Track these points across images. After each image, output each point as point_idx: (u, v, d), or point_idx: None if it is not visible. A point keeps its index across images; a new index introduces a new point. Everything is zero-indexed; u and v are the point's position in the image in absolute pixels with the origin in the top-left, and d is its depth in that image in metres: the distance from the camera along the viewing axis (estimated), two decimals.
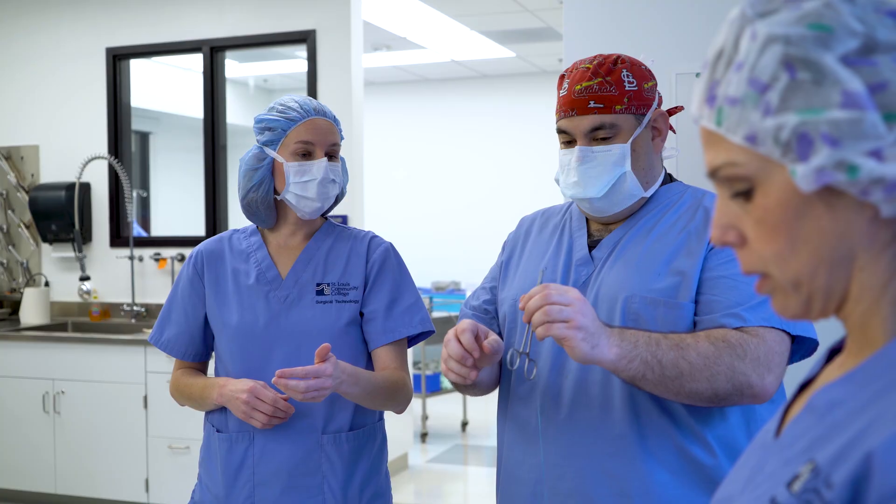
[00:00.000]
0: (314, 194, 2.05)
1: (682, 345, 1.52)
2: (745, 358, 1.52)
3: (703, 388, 1.51)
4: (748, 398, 1.54)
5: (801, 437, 0.79)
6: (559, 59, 8.75)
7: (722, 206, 0.82)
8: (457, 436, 6.95)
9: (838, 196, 0.75)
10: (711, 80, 0.81)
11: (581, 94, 1.69)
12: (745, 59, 0.77)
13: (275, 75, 9.24)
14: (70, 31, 5.75)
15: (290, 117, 2.06)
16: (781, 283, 0.79)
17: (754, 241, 0.80)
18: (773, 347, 1.56)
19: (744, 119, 0.77)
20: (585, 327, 1.43)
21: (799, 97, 0.74)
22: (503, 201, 9.53)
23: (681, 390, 1.52)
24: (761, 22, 0.76)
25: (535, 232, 1.89)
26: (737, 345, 1.53)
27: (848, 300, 0.79)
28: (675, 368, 1.50)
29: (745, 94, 0.77)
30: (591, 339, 1.44)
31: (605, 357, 1.46)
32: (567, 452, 1.68)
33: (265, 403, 1.96)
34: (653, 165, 1.73)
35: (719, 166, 0.80)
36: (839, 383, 0.79)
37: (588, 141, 1.69)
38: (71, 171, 5.63)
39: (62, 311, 5.75)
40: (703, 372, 1.50)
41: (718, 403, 1.56)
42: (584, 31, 2.71)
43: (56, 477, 4.96)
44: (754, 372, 1.52)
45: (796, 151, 0.74)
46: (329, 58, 5.23)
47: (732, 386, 1.52)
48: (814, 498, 0.72)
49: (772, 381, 1.54)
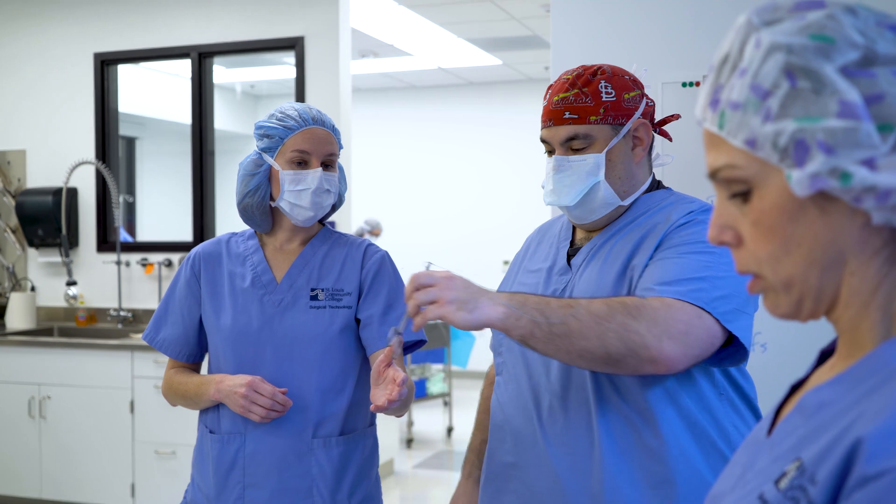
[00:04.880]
0: (307, 203, 2.07)
1: (573, 304, 1.51)
2: (640, 318, 1.48)
3: (593, 346, 1.48)
4: (647, 363, 1.49)
5: (789, 436, 0.82)
6: (545, 67, 8.79)
7: (720, 207, 0.84)
8: (442, 442, 6.96)
9: (832, 202, 0.77)
10: (716, 84, 0.83)
11: (558, 105, 1.73)
12: (749, 66, 0.79)
13: (262, 81, 9.24)
14: (58, 35, 5.75)
15: (288, 126, 2.08)
16: (773, 283, 0.82)
17: (750, 242, 0.82)
18: (680, 317, 1.50)
19: (744, 123, 0.80)
20: (456, 299, 1.45)
21: (798, 105, 0.76)
22: (489, 208, 9.55)
23: (571, 348, 1.48)
24: (766, 30, 0.79)
25: (533, 247, 1.93)
26: (632, 306, 1.50)
27: (838, 303, 0.81)
28: (564, 326, 1.47)
29: (747, 99, 0.79)
30: (467, 306, 1.45)
31: (491, 317, 1.46)
32: (537, 450, 1.71)
33: (263, 397, 1.98)
34: (632, 174, 1.75)
35: (719, 168, 0.83)
36: (828, 385, 0.81)
37: (564, 150, 1.73)
38: (58, 176, 5.62)
39: (48, 315, 5.74)
40: (592, 329, 1.47)
41: (616, 367, 1.51)
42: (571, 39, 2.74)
43: (42, 481, 4.95)
44: (649, 332, 1.48)
45: (793, 157, 0.77)
46: (317, 64, 5.25)
47: (625, 346, 1.47)
48: (799, 495, 0.74)
49: (673, 348, 1.49)
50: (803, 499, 0.74)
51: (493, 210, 9.51)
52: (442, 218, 9.78)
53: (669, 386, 1.63)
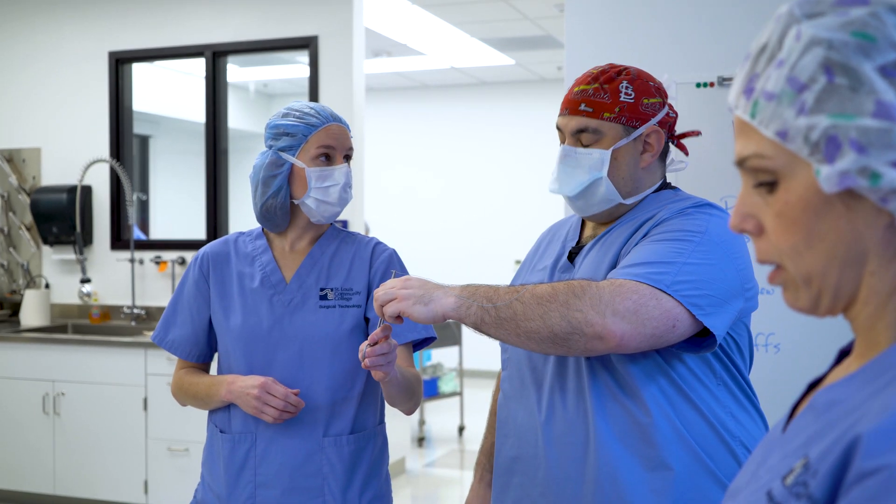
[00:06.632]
0: (335, 199, 2.08)
1: (520, 290, 1.56)
2: (583, 297, 1.51)
3: (537, 325, 1.51)
4: (594, 339, 1.50)
5: (799, 433, 0.82)
6: (559, 67, 8.78)
7: (744, 196, 0.84)
8: (454, 440, 6.97)
9: (858, 200, 0.77)
10: (752, 73, 0.83)
11: (576, 96, 1.76)
12: (787, 58, 0.79)
13: (275, 80, 9.26)
14: (73, 34, 5.78)
15: (310, 123, 2.08)
16: (794, 276, 0.82)
17: (772, 233, 0.82)
18: (629, 296, 1.51)
19: (777, 115, 0.79)
20: (411, 295, 1.58)
21: (834, 101, 0.76)
22: (500, 207, 9.55)
23: (518, 331, 1.53)
24: (807, 23, 0.79)
25: (543, 246, 1.94)
26: (577, 287, 1.53)
27: (856, 302, 0.81)
28: (509, 310, 1.53)
29: (783, 90, 0.79)
30: (422, 300, 1.57)
31: (445, 307, 1.57)
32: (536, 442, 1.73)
33: (276, 398, 1.99)
34: (637, 177, 1.76)
35: (747, 156, 0.82)
36: (840, 384, 0.81)
37: (574, 141, 1.76)
38: (72, 174, 5.65)
39: (62, 313, 5.77)
40: (535, 310, 1.52)
41: (563, 346, 1.53)
42: (584, 39, 2.74)
43: (55, 478, 4.98)
44: (592, 309, 1.49)
45: (824, 153, 0.77)
46: (331, 63, 5.26)
47: (568, 323, 1.50)
48: (801, 490, 0.75)
49: (619, 324, 1.49)
50: (804, 494, 0.74)
51: (504, 209, 9.51)
52: (454, 217, 9.79)
53: (662, 372, 1.64)
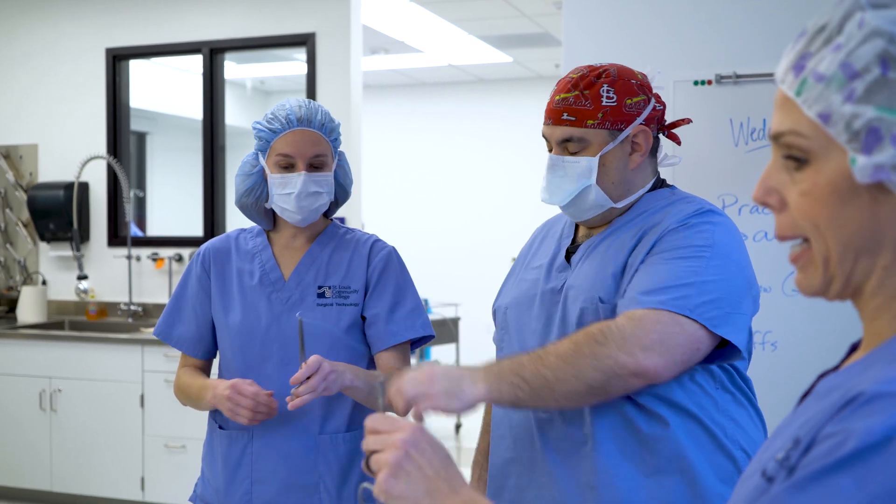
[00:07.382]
0: (293, 207, 2.07)
1: (541, 354, 1.52)
2: (607, 342, 1.50)
3: (574, 386, 1.49)
4: (631, 378, 1.50)
5: (798, 417, 0.83)
6: (556, 65, 8.77)
7: (771, 170, 0.85)
8: (450, 438, 6.98)
9: (886, 194, 0.78)
10: (805, 51, 0.83)
11: (558, 105, 1.74)
12: (846, 43, 0.79)
13: (272, 77, 9.25)
14: (70, 30, 5.77)
15: (273, 128, 2.07)
16: (816, 254, 0.82)
17: (794, 210, 0.82)
18: (652, 327, 1.51)
19: (824, 97, 0.79)
20: (441, 391, 1.44)
21: (884, 94, 0.76)
22: (498, 204, 9.55)
23: (556, 396, 1.50)
24: (872, 13, 0.78)
25: (538, 242, 1.93)
26: (596, 333, 1.51)
27: (864, 291, 0.82)
28: (540, 378, 1.49)
29: (834, 74, 0.79)
30: (452, 393, 1.45)
31: (478, 396, 1.47)
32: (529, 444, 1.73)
33: (245, 398, 1.95)
34: (627, 179, 1.75)
35: (784, 132, 0.83)
36: (841, 372, 0.83)
37: (560, 150, 1.75)
38: (69, 171, 5.65)
39: (59, 309, 5.77)
40: (566, 371, 1.49)
41: (604, 396, 1.53)
42: (582, 36, 2.74)
43: (52, 475, 4.98)
44: (620, 350, 1.49)
45: (863, 142, 0.77)
46: (328, 60, 5.26)
47: (602, 373, 1.49)
48: (786, 464, 0.77)
49: (651, 358, 1.50)
50: (787, 464, 0.76)
51: (502, 206, 9.51)
52: (451, 214, 9.78)
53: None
